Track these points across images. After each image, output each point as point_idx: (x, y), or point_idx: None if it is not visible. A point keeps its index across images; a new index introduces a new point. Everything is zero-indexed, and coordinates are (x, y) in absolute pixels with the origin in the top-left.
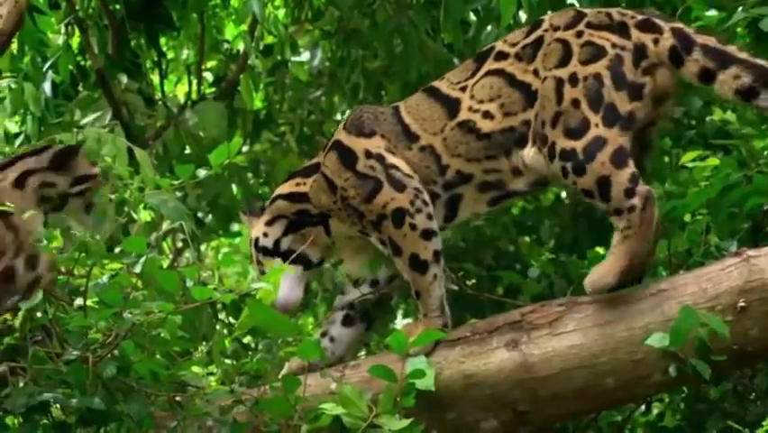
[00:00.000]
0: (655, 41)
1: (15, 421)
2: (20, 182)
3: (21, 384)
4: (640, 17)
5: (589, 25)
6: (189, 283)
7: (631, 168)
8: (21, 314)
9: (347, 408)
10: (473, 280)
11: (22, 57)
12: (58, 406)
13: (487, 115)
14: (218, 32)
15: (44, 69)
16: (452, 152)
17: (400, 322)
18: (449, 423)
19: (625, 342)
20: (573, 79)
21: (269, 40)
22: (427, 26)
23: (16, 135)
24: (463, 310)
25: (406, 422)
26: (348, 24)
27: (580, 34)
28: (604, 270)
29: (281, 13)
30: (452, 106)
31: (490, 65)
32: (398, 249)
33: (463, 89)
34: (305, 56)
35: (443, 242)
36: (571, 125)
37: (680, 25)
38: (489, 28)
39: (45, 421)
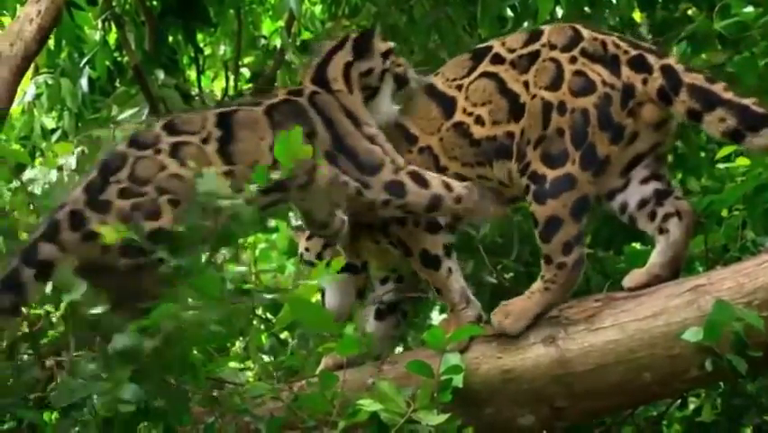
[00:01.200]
0: (644, 81)
1: (53, 417)
2: (347, 79)
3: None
4: (633, 53)
5: (583, 53)
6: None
7: (582, 225)
8: (62, 305)
9: (385, 404)
10: (510, 275)
11: (59, 53)
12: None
13: (479, 120)
14: (255, 27)
15: (81, 65)
16: (449, 154)
17: (436, 318)
18: (486, 418)
19: (662, 337)
20: (562, 108)
21: (306, 35)
22: (464, 22)
23: (53, 131)
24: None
25: (443, 417)
26: (385, 20)
27: (573, 60)
28: (520, 311)
29: (318, 8)
30: (448, 106)
31: (486, 66)
32: (408, 249)
33: (459, 88)
34: None
35: (484, 237)
36: (551, 152)
37: (669, 62)
38: (525, 24)
39: (88, 417)
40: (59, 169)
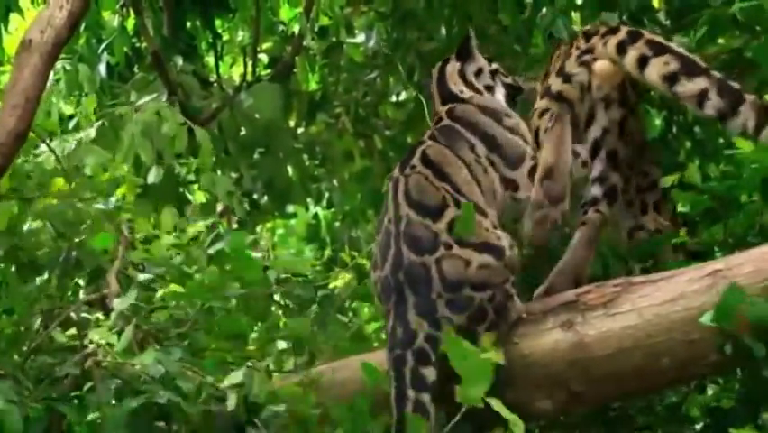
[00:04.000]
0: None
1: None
2: (468, 83)
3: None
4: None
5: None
6: None
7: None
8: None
9: None
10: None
11: (77, 38)
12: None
13: None
14: (273, 13)
15: (99, 51)
16: None
17: None
18: (505, 403)
19: (680, 322)
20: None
21: (325, 21)
22: (483, 8)
23: (71, 117)
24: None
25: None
26: (403, 6)
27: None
28: None
29: None
30: None
31: None
32: None
33: None
34: (360, 38)
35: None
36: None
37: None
38: (544, 9)
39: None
40: (79, 142)
